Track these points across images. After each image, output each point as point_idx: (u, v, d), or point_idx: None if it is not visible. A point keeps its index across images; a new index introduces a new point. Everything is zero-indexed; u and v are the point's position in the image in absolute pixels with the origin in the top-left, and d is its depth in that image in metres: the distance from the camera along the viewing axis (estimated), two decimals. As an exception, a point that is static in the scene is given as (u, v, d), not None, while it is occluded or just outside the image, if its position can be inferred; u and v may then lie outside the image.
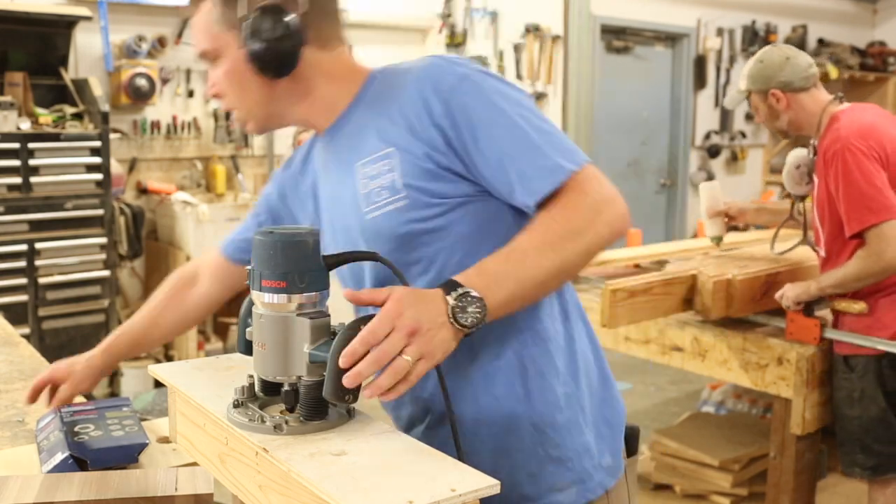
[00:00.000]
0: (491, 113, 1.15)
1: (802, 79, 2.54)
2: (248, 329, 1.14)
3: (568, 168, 1.12)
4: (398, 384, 0.99)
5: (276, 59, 1.19)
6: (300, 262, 1.07)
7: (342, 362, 0.99)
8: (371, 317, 1.01)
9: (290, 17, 1.18)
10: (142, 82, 4.64)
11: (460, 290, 1.02)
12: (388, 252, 1.19)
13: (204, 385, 1.26)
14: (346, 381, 0.99)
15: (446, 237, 1.18)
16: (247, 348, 1.15)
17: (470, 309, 1.02)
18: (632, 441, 1.38)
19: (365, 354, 0.98)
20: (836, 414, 2.57)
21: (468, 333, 1.03)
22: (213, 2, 1.22)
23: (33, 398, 1.46)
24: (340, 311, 1.19)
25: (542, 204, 1.12)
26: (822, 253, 2.57)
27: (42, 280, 4.10)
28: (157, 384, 4.06)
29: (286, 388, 1.09)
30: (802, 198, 2.71)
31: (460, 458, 1.03)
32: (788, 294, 2.55)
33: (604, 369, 1.34)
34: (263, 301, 1.08)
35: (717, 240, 3.04)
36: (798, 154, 2.64)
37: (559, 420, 1.24)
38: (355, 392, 1.02)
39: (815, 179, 2.53)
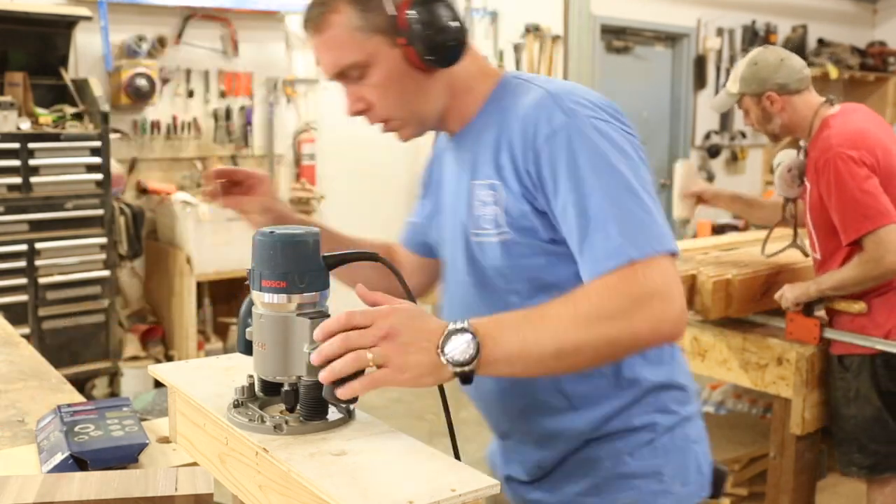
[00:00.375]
0: (575, 173, 1.11)
1: (797, 80, 2.52)
2: (248, 329, 1.14)
3: (627, 255, 1.05)
4: (354, 382, 0.99)
5: (453, 44, 1.18)
6: (300, 263, 1.07)
7: (316, 335, 1.00)
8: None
9: (454, 6, 1.19)
10: (142, 82, 4.64)
11: (460, 325, 1.00)
12: (492, 276, 1.23)
13: (204, 385, 1.26)
14: (313, 356, 1.00)
15: (547, 275, 1.19)
16: (247, 348, 1.15)
17: (461, 347, 0.99)
18: (716, 483, 1.35)
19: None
20: (832, 414, 2.57)
21: (456, 373, 1.00)
22: (349, 13, 1.17)
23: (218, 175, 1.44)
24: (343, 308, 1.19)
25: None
26: (818, 256, 2.57)
27: (42, 280, 4.10)
28: (157, 384, 4.06)
29: (286, 388, 1.09)
30: (794, 200, 2.70)
31: (457, 457, 1.03)
32: (788, 295, 2.55)
33: (690, 402, 1.34)
34: (263, 301, 1.08)
35: (685, 222, 2.98)
36: (788, 156, 2.63)
37: (632, 442, 1.27)
38: None
39: (807, 184, 2.53)
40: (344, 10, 1.17)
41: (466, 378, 1.00)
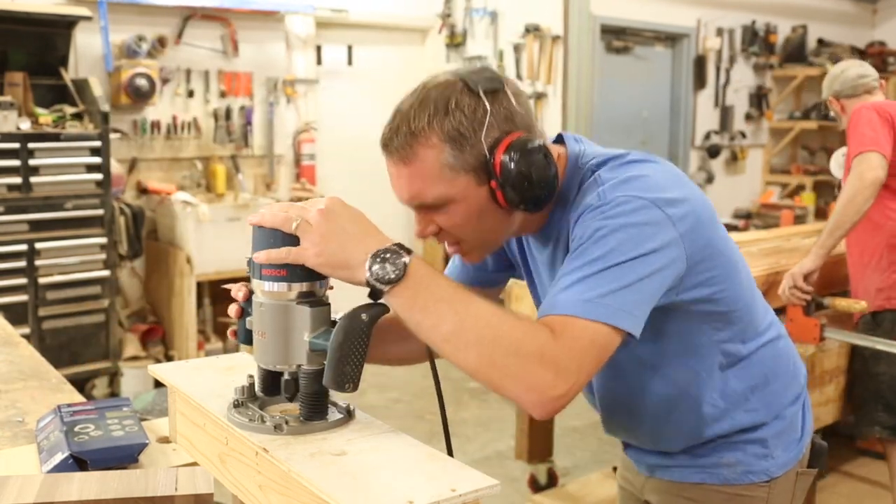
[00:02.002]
0: (582, 243, 1.12)
1: (850, 88, 2.87)
2: (248, 318, 1.14)
3: (558, 311, 1.06)
4: (271, 250, 1.05)
5: (544, 192, 1.15)
6: None
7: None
8: (373, 305, 1.03)
9: (543, 148, 1.14)
10: (142, 82, 4.64)
11: (405, 256, 1.02)
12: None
13: (204, 385, 1.25)
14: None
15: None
16: (247, 338, 1.15)
17: (388, 266, 1.01)
18: (815, 455, 1.45)
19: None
20: (858, 374, 2.66)
21: (370, 284, 1.02)
22: (442, 148, 1.12)
23: None
24: (345, 299, 1.20)
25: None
26: None
27: (42, 280, 4.10)
28: (157, 384, 4.06)
29: (286, 377, 1.09)
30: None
31: (450, 454, 1.03)
32: (793, 271, 2.60)
33: (797, 380, 1.43)
34: (264, 289, 1.08)
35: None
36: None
37: (742, 419, 1.34)
38: (355, 381, 1.03)
39: None
40: (437, 146, 1.12)
41: (374, 294, 1.04)
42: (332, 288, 1.13)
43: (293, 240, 1.05)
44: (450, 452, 1.06)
